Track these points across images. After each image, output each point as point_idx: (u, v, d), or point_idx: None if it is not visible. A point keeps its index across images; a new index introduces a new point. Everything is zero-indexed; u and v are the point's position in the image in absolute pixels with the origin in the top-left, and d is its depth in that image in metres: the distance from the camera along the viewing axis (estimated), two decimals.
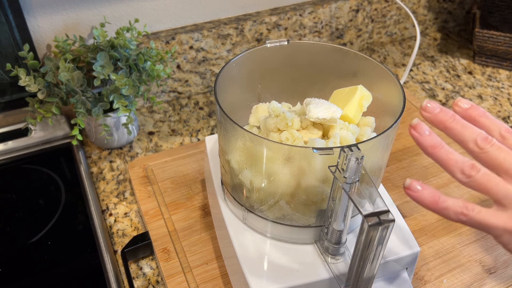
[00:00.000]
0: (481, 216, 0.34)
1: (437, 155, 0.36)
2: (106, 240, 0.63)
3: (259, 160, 0.45)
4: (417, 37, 0.77)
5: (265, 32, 0.91)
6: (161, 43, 0.82)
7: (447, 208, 0.35)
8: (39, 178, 0.73)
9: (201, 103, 0.91)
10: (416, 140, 0.37)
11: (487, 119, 0.38)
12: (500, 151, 0.35)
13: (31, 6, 0.73)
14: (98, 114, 0.69)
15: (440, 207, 0.35)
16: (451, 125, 0.37)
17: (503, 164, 0.35)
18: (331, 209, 0.46)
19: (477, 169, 0.35)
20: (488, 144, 0.35)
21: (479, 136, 0.36)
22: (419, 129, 0.37)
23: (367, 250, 0.39)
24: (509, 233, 0.34)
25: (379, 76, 0.52)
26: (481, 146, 0.35)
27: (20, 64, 0.74)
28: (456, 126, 0.37)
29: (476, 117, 0.38)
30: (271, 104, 0.49)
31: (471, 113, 0.38)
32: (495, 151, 0.35)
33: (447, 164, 0.36)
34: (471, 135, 0.36)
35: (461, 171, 0.35)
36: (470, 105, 0.39)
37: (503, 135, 0.36)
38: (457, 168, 0.35)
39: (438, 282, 0.59)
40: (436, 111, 0.38)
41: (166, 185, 0.71)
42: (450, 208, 0.35)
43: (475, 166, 0.35)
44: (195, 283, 0.58)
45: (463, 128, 0.36)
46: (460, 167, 0.35)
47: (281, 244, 0.51)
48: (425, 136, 0.36)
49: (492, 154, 0.35)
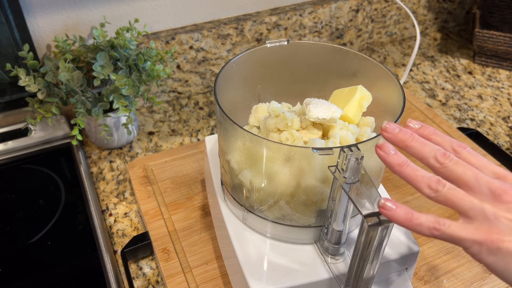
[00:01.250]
0: (451, 230, 0.36)
1: (404, 172, 0.37)
2: (106, 240, 0.63)
3: (259, 160, 0.45)
4: (417, 37, 0.77)
5: (265, 32, 0.91)
6: (161, 43, 0.82)
7: (421, 224, 0.36)
8: (39, 178, 0.73)
9: (201, 103, 0.91)
10: (382, 159, 0.38)
11: (438, 136, 0.40)
12: (459, 165, 0.37)
13: (31, 6, 0.73)
14: (98, 114, 0.69)
15: (414, 223, 0.36)
16: (411, 143, 0.38)
17: (462, 177, 0.36)
18: (331, 209, 0.46)
19: (443, 184, 0.36)
20: (447, 159, 0.37)
21: (438, 152, 0.37)
22: (385, 149, 0.38)
23: (367, 250, 0.39)
24: (478, 244, 0.35)
25: (379, 76, 0.52)
26: (441, 161, 0.37)
27: (20, 64, 0.74)
28: (416, 144, 0.38)
29: (428, 135, 0.40)
30: (271, 104, 0.49)
31: (422, 132, 0.40)
32: (454, 165, 0.37)
33: (414, 181, 0.37)
34: (430, 151, 0.38)
35: (428, 187, 0.36)
36: (420, 125, 0.40)
37: (455, 149, 0.38)
38: (424, 184, 0.36)
39: (438, 282, 0.59)
40: (396, 131, 0.39)
41: (166, 185, 0.71)
42: (424, 224, 0.36)
43: (440, 181, 0.36)
44: (195, 283, 0.58)
45: (422, 146, 0.38)
46: (427, 183, 0.36)
47: (281, 244, 0.51)
48: (391, 156, 0.38)
49: (451, 168, 0.37)
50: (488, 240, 0.34)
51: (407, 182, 0.38)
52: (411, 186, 0.38)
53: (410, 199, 0.68)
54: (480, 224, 0.35)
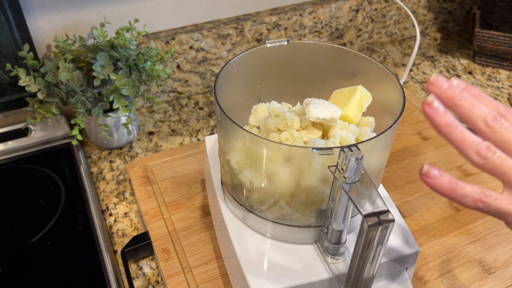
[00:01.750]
0: (498, 203, 0.34)
1: (452, 135, 0.34)
2: (106, 240, 0.63)
3: (259, 160, 0.45)
4: (417, 37, 0.77)
5: (265, 32, 0.91)
6: (161, 43, 0.82)
7: (465, 195, 0.34)
8: (39, 178, 0.73)
9: (201, 103, 0.91)
10: (430, 118, 0.35)
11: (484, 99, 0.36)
12: (510, 131, 0.34)
13: (31, 6, 0.73)
14: (98, 114, 0.69)
15: (459, 194, 0.34)
16: (460, 101, 0.35)
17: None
18: (331, 209, 0.46)
19: (493, 150, 0.34)
20: (498, 123, 0.34)
21: (489, 115, 0.34)
22: (434, 107, 0.35)
23: (367, 250, 0.39)
24: None
25: (379, 76, 0.52)
26: (491, 125, 0.34)
27: (20, 64, 0.74)
28: (465, 103, 0.35)
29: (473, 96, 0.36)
30: (271, 104, 0.49)
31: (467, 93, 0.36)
32: (505, 131, 0.34)
33: (462, 145, 0.34)
34: (480, 113, 0.34)
35: (476, 152, 0.34)
36: (465, 85, 0.37)
37: (503, 114, 0.35)
38: (472, 149, 0.34)
39: (438, 282, 0.59)
40: (445, 87, 0.35)
41: (166, 185, 0.71)
42: (468, 195, 0.34)
43: (490, 147, 0.34)
44: (195, 283, 0.58)
45: (472, 106, 0.35)
46: (476, 148, 0.34)
47: (281, 244, 0.51)
48: (440, 114, 0.35)
49: (501, 133, 0.34)
50: None
51: (453, 146, 0.35)
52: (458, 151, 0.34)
53: (410, 199, 0.68)
54: None
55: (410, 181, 0.71)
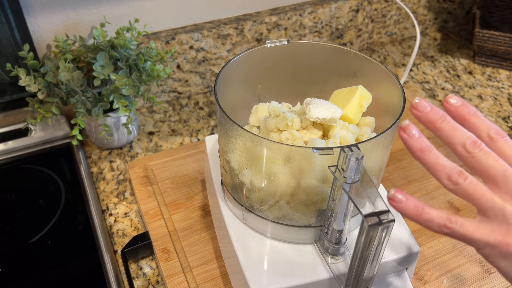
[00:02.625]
0: (464, 229, 0.33)
1: (425, 159, 0.35)
2: (106, 240, 0.63)
3: (259, 160, 0.45)
4: (417, 37, 0.77)
5: (265, 32, 0.91)
6: (161, 43, 0.82)
7: (431, 220, 0.34)
8: (39, 178, 0.73)
9: (201, 103, 0.91)
10: (404, 142, 0.36)
11: (477, 118, 0.36)
12: (488, 157, 0.34)
13: (31, 6, 0.73)
14: (98, 114, 0.69)
15: (424, 219, 0.34)
16: (441, 125, 0.35)
17: (490, 171, 0.34)
18: (331, 209, 0.46)
19: (464, 176, 0.34)
20: (476, 148, 0.34)
21: (469, 139, 0.34)
22: (408, 131, 0.35)
23: (367, 250, 0.39)
24: (490, 246, 0.33)
25: (379, 76, 0.52)
26: (469, 150, 0.34)
27: (20, 64, 0.74)
28: (446, 127, 0.35)
29: (467, 115, 0.37)
30: (271, 104, 0.49)
31: (461, 111, 0.37)
32: (483, 156, 0.34)
33: (435, 169, 0.34)
34: (460, 137, 0.35)
35: (448, 177, 0.34)
36: (461, 103, 0.37)
37: (492, 136, 0.35)
38: (444, 174, 0.34)
39: (438, 282, 0.59)
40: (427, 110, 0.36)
41: (166, 185, 0.71)
42: (434, 220, 0.34)
43: (462, 173, 0.34)
44: (195, 283, 0.58)
45: (453, 130, 0.35)
46: (448, 173, 0.34)
47: (281, 244, 0.51)
48: (414, 139, 0.35)
49: (480, 159, 0.34)
50: (503, 243, 0.32)
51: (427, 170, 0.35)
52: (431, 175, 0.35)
53: None
54: (497, 225, 0.33)
55: (410, 181, 0.71)
